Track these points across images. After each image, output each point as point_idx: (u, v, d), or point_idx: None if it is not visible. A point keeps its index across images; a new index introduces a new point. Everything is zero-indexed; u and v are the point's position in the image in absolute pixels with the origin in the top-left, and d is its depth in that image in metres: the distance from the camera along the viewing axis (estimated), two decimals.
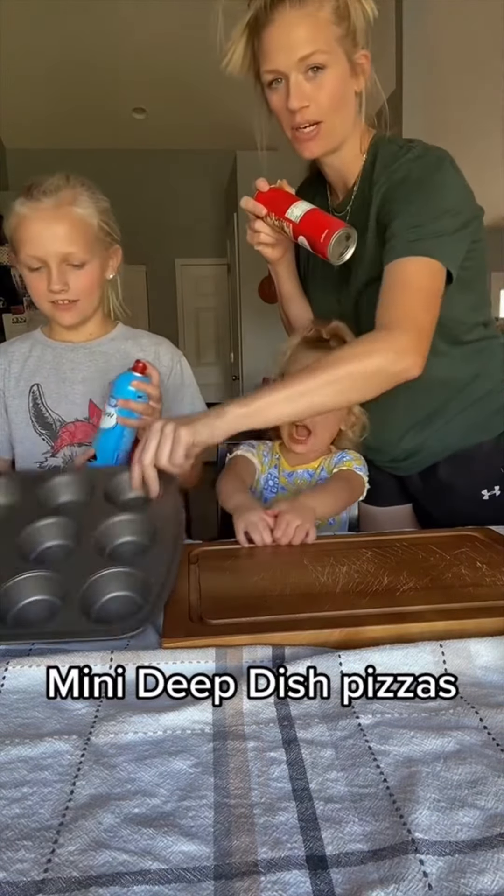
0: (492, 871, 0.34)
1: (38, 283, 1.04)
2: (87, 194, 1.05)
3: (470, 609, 0.64)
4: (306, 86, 0.91)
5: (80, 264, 1.04)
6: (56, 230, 1.01)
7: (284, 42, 0.89)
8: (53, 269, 1.02)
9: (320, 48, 0.88)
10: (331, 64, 0.90)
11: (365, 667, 0.54)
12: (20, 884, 0.34)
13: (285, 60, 0.90)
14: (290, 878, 0.34)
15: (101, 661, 0.56)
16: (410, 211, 0.92)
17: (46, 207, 1.01)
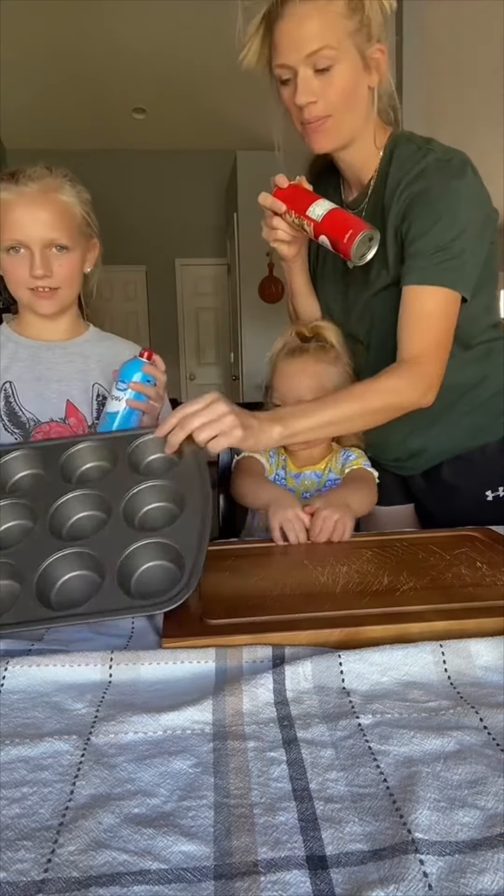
0: (492, 871, 0.34)
1: (18, 269, 1.02)
2: (70, 184, 1.05)
3: (470, 609, 0.64)
4: (314, 81, 0.90)
5: (64, 248, 1.03)
6: (41, 215, 1.01)
7: (294, 37, 0.88)
8: (37, 254, 1.00)
9: (329, 44, 0.87)
10: (340, 60, 0.89)
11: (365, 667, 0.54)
12: (20, 884, 0.34)
13: (294, 55, 0.89)
14: (290, 878, 0.34)
15: (101, 661, 0.56)
16: (433, 231, 0.92)
17: (32, 192, 1.01)
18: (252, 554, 0.87)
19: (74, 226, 1.05)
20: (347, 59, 0.89)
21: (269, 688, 0.52)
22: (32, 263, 1.01)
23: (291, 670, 0.53)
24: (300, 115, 0.93)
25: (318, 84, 0.90)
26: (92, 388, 1.14)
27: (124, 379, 0.98)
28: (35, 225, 1.00)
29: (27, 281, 1.03)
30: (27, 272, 1.01)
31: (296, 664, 0.54)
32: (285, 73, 0.92)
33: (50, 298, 1.06)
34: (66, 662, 0.56)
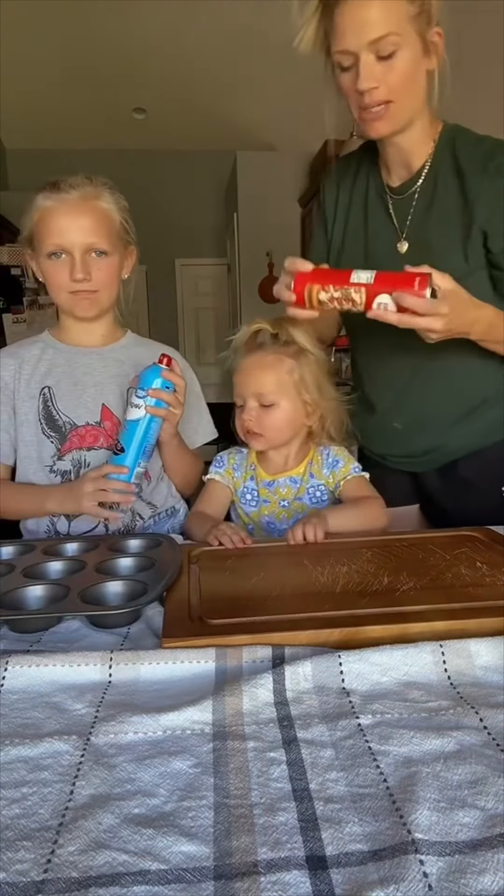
0: (492, 872, 0.34)
1: (59, 273, 1.05)
2: (109, 192, 1.08)
3: (470, 609, 0.64)
4: (377, 66, 0.88)
5: (103, 253, 1.06)
6: (82, 221, 1.03)
7: (356, 22, 0.86)
8: (77, 259, 1.03)
9: (392, 30, 0.86)
10: (403, 45, 0.87)
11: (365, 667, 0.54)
12: (20, 884, 0.34)
13: (356, 41, 0.87)
14: (290, 878, 0.34)
15: (100, 661, 0.56)
16: None
17: (72, 199, 1.03)
18: (252, 554, 0.87)
19: (113, 231, 1.08)
20: (409, 44, 0.88)
21: (269, 688, 0.52)
22: (73, 268, 1.03)
23: (291, 670, 0.53)
24: (360, 100, 0.92)
25: (380, 69, 0.88)
26: (128, 392, 1.14)
27: (143, 386, 0.98)
28: (75, 230, 1.03)
29: (68, 285, 1.05)
30: (67, 276, 1.04)
31: (296, 664, 0.54)
32: (346, 60, 0.90)
33: (89, 300, 1.08)
34: (66, 662, 0.56)
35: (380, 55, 0.87)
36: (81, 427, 1.11)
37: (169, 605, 0.68)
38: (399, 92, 0.91)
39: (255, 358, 1.10)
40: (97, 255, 1.05)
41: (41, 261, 1.06)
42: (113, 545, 0.90)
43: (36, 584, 0.74)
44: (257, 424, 1.07)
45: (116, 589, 0.74)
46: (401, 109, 0.93)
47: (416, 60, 0.90)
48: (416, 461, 1.19)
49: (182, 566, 0.80)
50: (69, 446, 1.10)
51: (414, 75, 0.91)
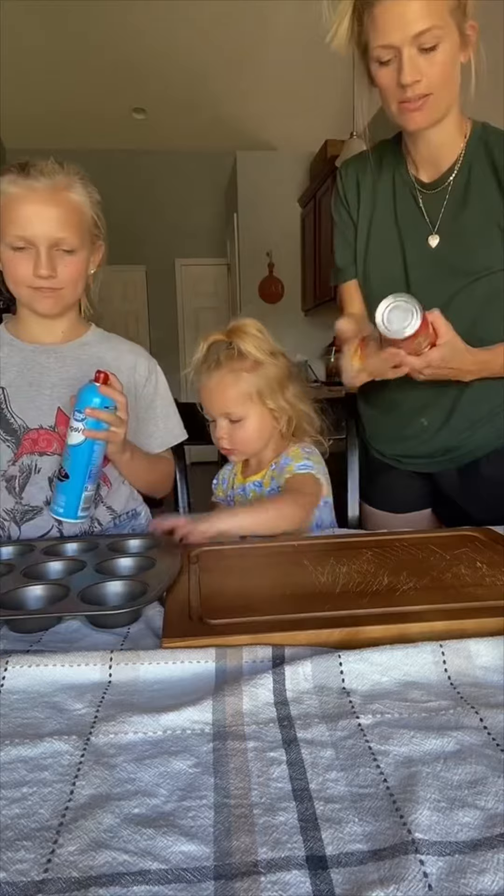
0: (492, 872, 0.34)
1: (21, 266, 0.98)
2: (82, 183, 1.02)
3: (470, 609, 0.64)
4: (420, 60, 0.89)
5: (71, 251, 1.00)
6: (51, 213, 0.97)
7: (399, 16, 0.87)
8: (43, 254, 0.97)
9: (436, 23, 0.87)
10: (444, 38, 0.88)
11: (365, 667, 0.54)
12: (20, 884, 0.34)
13: (400, 35, 0.87)
14: (290, 878, 0.34)
15: (100, 661, 0.56)
16: None
17: (42, 188, 0.97)
18: (252, 554, 0.87)
19: (84, 226, 1.02)
20: (449, 37, 0.89)
21: (269, 688, 0.52)
22: (37, 263, 0.97)
23: (291, 670, 0.53)
24: (400, 94, 0.92)
25: (422, 63, 0.89)
26: None
27: (80, 407, 0.92)
28: (43, 223, 0.97)
29: (30, 279, 0.99)
30: (31, 271, 0.98)
31: (296, 664, 0.54)
32: (386, 54, 0.90)
33: (51, 298, 1.03)
34: (66, 662, 0.56)
35: (422, 48, 0.88)
36: (34, 430, 1.05)
37: (169, 605, 0.68)
38: (439, 84, 0.92)
39: (216, 378, 1.10)
40: (64, 251, 1.00)
41: (2, 249, 0.99)
42: (112, 545, 0.90)
43: (36, 585, 0.74)
44: (230, 441, 1.10)
45: (116, 589, 0.74)
46: (439, 101, 0.94)
47: (455, 53, 0.91)
48: (436, 461, 1.18)
49: (182, 566, 0.80)
50: (22, 451, 1.04)
51: (453, 68, 0.92)
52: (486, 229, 1.00)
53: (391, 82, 0.92)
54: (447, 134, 1.01)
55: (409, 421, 1.16)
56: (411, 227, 1.08)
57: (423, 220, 1.07)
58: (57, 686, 0.54)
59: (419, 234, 1.07)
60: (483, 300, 1.03)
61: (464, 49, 0.93)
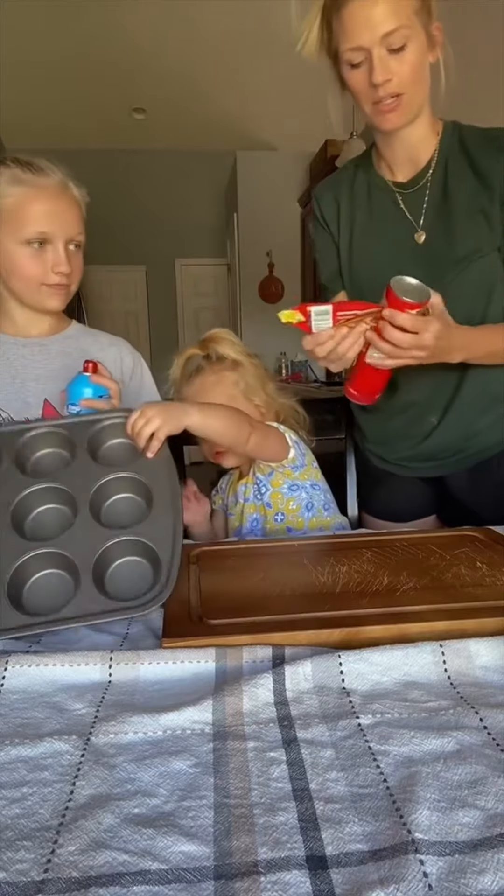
0: (492, 872, 0.34)
1: (37, 263, 0.99)
2: (74, 181, 1.04)
3: (470, 609, 0.64)
4: (390, 60, 0.91)
5: (80, 246, 1.02)
6: (65, 209, 0.99)
7: (367, 18, 0.89)
8: (61, 250, 0.99)
9: (403, 23, 0.89)
10: (412, 37, 0.91)
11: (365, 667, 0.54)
12: (20, 884, 0.34)
13: (369, 36, 0.89)
14: (290, 878, 0.34)
15: (100, 661, 0.56)
16: None
17: (53, 185, 0.98)
18: (252, 554, 0.87)
19: (83, 223, 1.04)
20: (417, 36, 0.91)
21: (269, 688, 0.52)
22: (56, 258, 0.99)
23: (291, 670, 0.53)
24: (373, 95, 0.94)
25: (392, 63, 0.91)
26: None
27: (74, 400, 0.92)
28: (62, 219, 0.98)
29: (45, 276, 1.00)
30: (47, 267, 0.99)
31: (296, 664, 0.54)
32: (356, 57, 0.92)
33: (62, 294, 1.04)
34: (66, 662, 0.56)
35: (391, 48, 0.90)
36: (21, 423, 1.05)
37: (169, 605, 0.68)
38: (410, 83, 0.94)
39: (198, 383, 1.12)
40: (74, 247, 1.01)
41: (9, 245, 0.99)
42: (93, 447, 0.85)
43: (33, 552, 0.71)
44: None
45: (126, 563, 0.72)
46: (412, 100, 0.96)
47: (423, 52, 0.93)
48: (445, 463, 1.16)
49: (182, 565, 0.79)
50: None
51: (422, 67, 0.94)
52: (470, 215, 1.02)
53: (363, 84, 0.94)
54: (422, 132, 1.03)
55: (417, 421, 1.15)
56: (396, 229, 1.09)
57: (407, 220, 1.08)
58: (57, 686, 0.54)
59: (405, 234, 1.08)
60: (477, 287, 1.04)
61: (431, 49, 0.95)
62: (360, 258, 1.14)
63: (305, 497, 1.11)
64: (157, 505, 0.78)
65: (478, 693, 0.52)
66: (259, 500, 1.12)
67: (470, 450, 1.13)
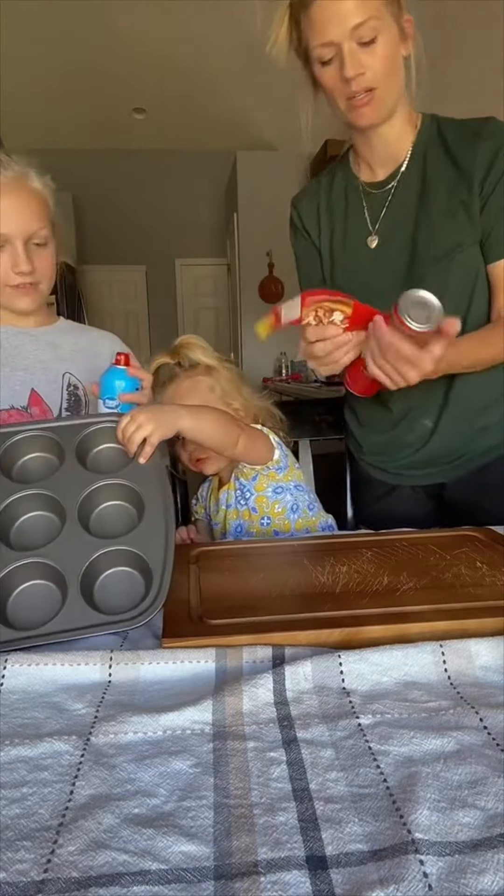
0: (492, 872, 0.34)
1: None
2: (36, 172, 1.00)
3: (470, 609, 0.64)
4: (361, 54, 0.89)
5: (44, 243, 0.99)
6: (21, 205, 0.96)
7: (335, 12, 0.88)
8: (20, 248, 0.96)
9: (372, 14, 0.87)
10: (382, 29, 0.89)
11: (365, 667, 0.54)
12: (20, 884, 0.34)
13: (338, 31, 0.88)
14: (290, 878, 0.34)
15: (100, 661, 0.56)
16: None
17: (8, 181, 0.95)
18: (252, 554, 0.87)
19: (48, 217, 1.01)
20: (388, 28, 0.90)
21: (269, 688, 0.52)
22: (15, 258, 0.96)
23: (291, 670, 0.53)
24: (346, 90, 0.92)
25: (363, 56, 0.90)
26: (63, 377, 1.09)
27: (111, 395, 0.91)
28: (16, 216, 0.95)
29: (7, 278, 0.98)
30: (8, 269, 0.97)
31: (296, 664, 0.54)
32: (327, 53, 0.91)
33: (31, 294, 1.02)
34: (66, 662, 0.56)
35: (362, 41, 0.88)
36: (4, 411, 1.03)
37: (169, 605, 0.68)
38: (382, 77, 0.92)
39: (172, 390, 1.11)
40: (37, 243, 0.98)
41: None
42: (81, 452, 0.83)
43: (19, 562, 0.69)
44: (201, 449, 1.09)
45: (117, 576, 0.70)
46: (385, 94, 0.94)
47: (395, 45, 0.92)
48: (443, 469, 1.14)
49: (181, 568, 0.79)
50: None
51: (395, 59, 0.93)
52: (449, 210, 1.00)
53: (335, 81, 0.92)
54: (399, 129, 1.02)
55: (409, 427, 1.13)
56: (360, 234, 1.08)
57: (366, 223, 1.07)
58: (57, 686, 0.54)
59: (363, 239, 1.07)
60: (459, 285, 1.02)
61: (403, 42, 0.93)
62: (340, 267, 1.13)
63: (290, 499, 1.10)
64: (149, 513, 0.75)
65: (478, 693, 0.52)
66: (243, 505, 1.10)
67: (471, 452, 1.11)
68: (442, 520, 1.20)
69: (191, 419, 0.88)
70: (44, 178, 1.02)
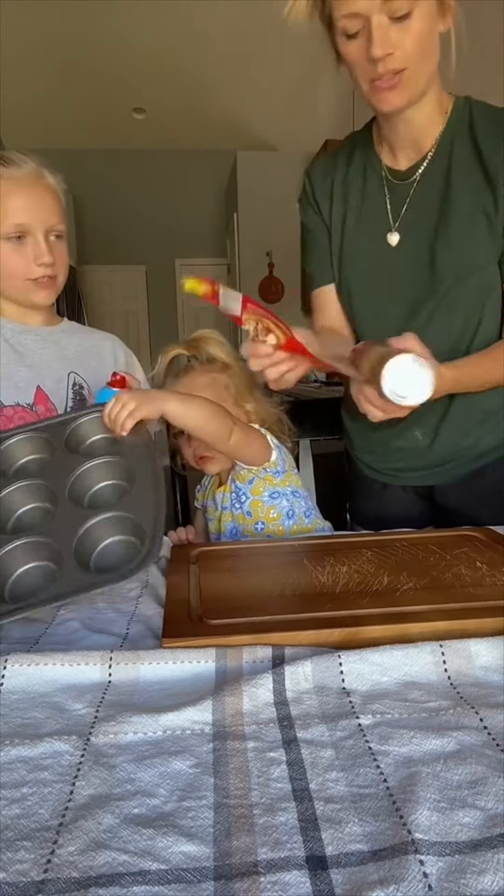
0: (492, 872, 0.34)
1: (19, 257, 0.97)
2: (49, 170, 1.02)
3: (470, 609, 0.64)
4: (391, 29, 0.78)
5: (60, 236, 1.00)
6: (42, 199, 0.97)
7: None
8: (41, 240, 0.97)
9: None
10: (419, 4, 0.77)
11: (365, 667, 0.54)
12: (20, 884, 0.34)
13: (366, 2, 0.76)
14: (290, 878, 0.34)
15: (100, 661, 0.56)
16: None
17: (27, 175, 0.96)
18: (252, 554, 0.87)
19: (64, 212, 1.02)
20: (425, 2, 0.78)
21: (269, 688, 0.52)
22: (37, 251, 0.97)
23: (291, 670, 0.53)
24: (371, 71, 0.81)
25: (394, 33, 0.78)
26: (68, 377, 1.09)
27: None
28: (38, 209, 0.96)
29: (29, 271, 0.98)
30: (30, 261, 0.97)
31: (296, 664, 0.54)
32: (353, 25, 0.79)
33: (50, 288, 1.02)
34: (66, 662, 0.56)
35: (394, 16, 0.77)
36: (9, 407, 1.02)
37: (169, 605, 0.68)
38: (415, 58, 0.81)
39: (187, 381, 1.08)
40: (56, 237, 0.99)
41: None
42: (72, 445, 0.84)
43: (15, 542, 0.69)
44: (205, 447, 1.06)
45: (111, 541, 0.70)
46: (416, 76, 0.83)
47: (432, 21, 0.80)
48: (436, 472, 1.12)
49: (181, 567, 0.80)
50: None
51: (430, 37, 0.81)
52: (471, 216, 0.92)
53: (360, 57, 0.81)
54: (427, 112, 0.91)
55: (400, 434, 1.10)
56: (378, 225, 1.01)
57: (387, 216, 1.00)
58: (57, 686, 0.54)
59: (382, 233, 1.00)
60: (471, 301, 0.97)
61: (442, 16, 0.81)
62: (350, 252, 1.05)
63: (286, 504, 1.08)
64: (139, 483, 0.76)
65: (478, 693, 0.52)
66: (238, 508, 1.09)
67: (462, 458, 1.09)
68: (436, 520, 1.18)
69: (178, 403, 0.87)
70: (55, 175, 1.03)
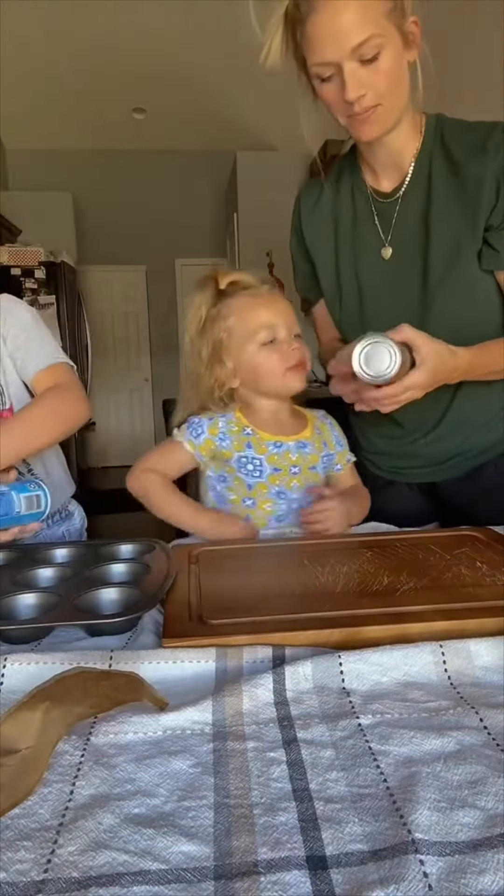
0: (492, 872, 0.34)
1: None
2: None
3: (470, 609, 0.64)
4: (362, 73, 0.83)
5: None
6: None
7: (334, 30, 0.80)
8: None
9: (373, 31, 0.80)
10: (385, 44, 0.81)
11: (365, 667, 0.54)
12: (20, 884, 0.34)
13: (337, 51, 0.81)
14: (290, 878, 0.34)
15: (100, 661, 0.56)
16: None
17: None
18: (252, 554, 0.87)
19: None
20: (391, 41, 0.82)
21: (269, 688, 0.52)
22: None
23: (291, 670, 0.53)
24: (347, 108, 0.87)
25: (365, 75, 0.83)
26: None
27: None
28: None
29: None
30: None
31: (296, 664, 0.54)
32: (326, 71, 0.84)
33: None
34: (66, 661, 0.56)
35: (363, 59, 0.82)
36: None
37: (169, 605, 0.68)
38: (387, 94, 0.86)
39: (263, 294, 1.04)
40: None
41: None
42: (103, 551, 0.87)
43: (26, 593, 0.71)
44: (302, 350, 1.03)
45: (111, 596, 0.71)
46: (390, 110, 0.89)
47: (399, 57, 0.85)
48: (439, 469, 1.14)
49: (181, 567, 0.80)
50: None
51: (399, 71, 0.86)
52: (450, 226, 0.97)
53: (336, 99, 0.87)
54: (404, 138, 0.97)
55: (402, 437, 1.13)
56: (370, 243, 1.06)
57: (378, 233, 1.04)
58: None
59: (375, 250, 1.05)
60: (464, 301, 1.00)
61: (408, 48, 0.86)
62: (346, 272, 1.10)
63: None
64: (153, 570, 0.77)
65: (478, 693, 0.52)
66: None
67: (464, 455, 1.11)
68: (440, 516, 1.19)
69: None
70: None
